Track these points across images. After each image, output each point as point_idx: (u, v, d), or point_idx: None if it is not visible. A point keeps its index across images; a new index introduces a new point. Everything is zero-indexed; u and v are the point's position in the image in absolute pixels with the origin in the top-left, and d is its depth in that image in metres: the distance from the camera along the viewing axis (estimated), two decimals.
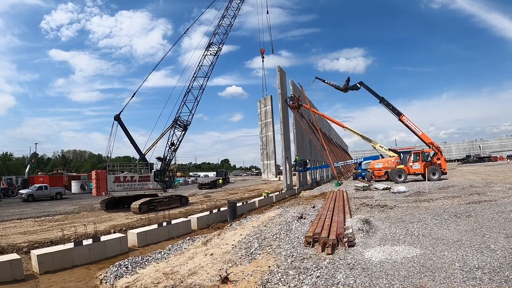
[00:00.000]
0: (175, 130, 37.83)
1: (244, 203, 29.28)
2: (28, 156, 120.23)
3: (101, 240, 15.73)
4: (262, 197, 33.71)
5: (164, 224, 19.82)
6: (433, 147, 39.92)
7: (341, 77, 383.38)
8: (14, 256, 13.29)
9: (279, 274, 8.63)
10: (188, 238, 15.94)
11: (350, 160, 63.28)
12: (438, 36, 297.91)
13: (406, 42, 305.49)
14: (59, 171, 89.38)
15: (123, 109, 38.52)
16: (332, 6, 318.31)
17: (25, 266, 13.37)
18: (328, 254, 10.11)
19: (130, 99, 40.64)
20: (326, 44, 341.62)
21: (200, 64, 39.00)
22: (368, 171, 44.03)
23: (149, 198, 31.94)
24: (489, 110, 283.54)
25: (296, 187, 44.97)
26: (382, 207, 19.09)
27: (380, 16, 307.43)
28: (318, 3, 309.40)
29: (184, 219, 22.17)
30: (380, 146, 45.32)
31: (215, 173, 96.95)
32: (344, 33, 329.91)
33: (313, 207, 20.77)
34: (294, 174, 48.89)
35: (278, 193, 38.37)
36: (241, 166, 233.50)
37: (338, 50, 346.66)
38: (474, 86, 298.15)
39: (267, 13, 56.82)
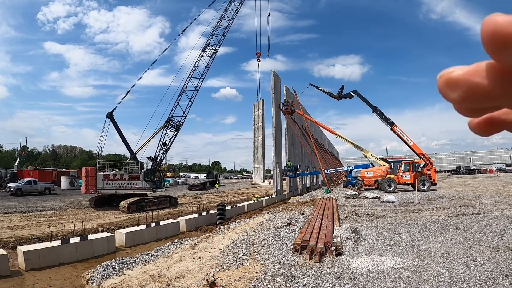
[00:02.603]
0: (168, 130, 37.73)
1: (234, 206, 29.24)
2: (18, 149, 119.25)
3: (89, 238, 15.66)
4: (252, 201, 33.63)
5: (153, 224, 19.76)
6: (424, 158, 40.12)
7: (337, 83, 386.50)
8: (0, 251, 13.21)
9: (266, 281, 8.65)
10: (176, 240, 15.90)
11: (341, 168, 63.44)
12: (433, 47, 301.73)
13: (401, 52, 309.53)
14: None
15: (116, 106, 38.42)
16: (331, 13, 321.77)
17: (11, 262, 13.28)
18: (315, 262, 10.15)
19: (124, 97, 40.53)
20: (323, 50, 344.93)
21: (195, 65, 38.99)
22: (358, 179, 44.10)
23: (138, 198, 31.81)
24: None
25: (286, 193, 44.90)
26: (371, 216, 19.17)
27: (378, 25, 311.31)
28: (317, 9, 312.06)
29: (173, 221, 22.11)
30: (371, 155, 45.50)
31: (205, 174, 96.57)
32: (341, 40, 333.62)
33: (302, 213, 20.81)
34: (285, 179, 48.89)
35: (267, 197, 38.36)
36: (231, 169, 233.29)
37: (334, 57, 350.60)
38: None
39: (269, 15, 57.14)
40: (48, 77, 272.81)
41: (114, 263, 11.53)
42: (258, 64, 57.59)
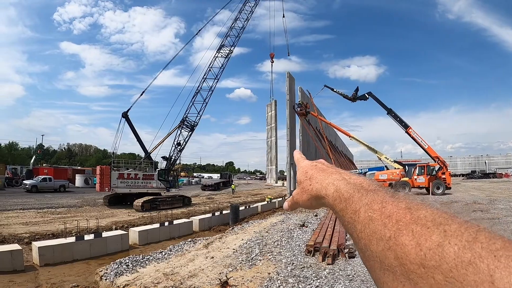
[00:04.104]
0: (182, 130, 37.87)
1: (247, 207, 29.22)
2: (34, 147, 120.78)
3: (103, 236, 15.76)
4: (265, 202, 33.62)
5: (166, 223, 19.82)
6: (439, 161, 39.66)
7: (352, 84, 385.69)
8: (15, 246, 13.38)
9: (279, 282, 8.61)
10: (189, 239, 15.95)
11: (355, 170, 63.15)
12: (449, 49, 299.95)
13: (417, 53, 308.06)
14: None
15: (131, 106, 38.63)
16: (346, 14, 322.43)
17: (26, 257, 13.41)
18: (328, 264, 10.09)
19: (139, 97, 40.76)
20: (338, 51, 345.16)
21: (210, 66, 39.10)
22: None
23: (152, 197, 31.96)
24: (497, 125, 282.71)
25: None
26: None
27: (394, 26, 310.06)
28: (332, 9, 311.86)
29: (186, 220, 22.16)
30: (386, 158, 45.11)
31: (219, 175, 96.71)
32: (357, 41, 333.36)
33: (316, 215, 20.74)
34: None
35: (281, 199, 38.25)
36: (245, 170, 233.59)
37: (350, 58, 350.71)
38: (482, 100, 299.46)
39: (283, 16, 57.18)
40: (64, 77, 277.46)
41: (127, 261, 11.60)
42: (272, 65, 57.43)
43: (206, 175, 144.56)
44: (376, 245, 0.61)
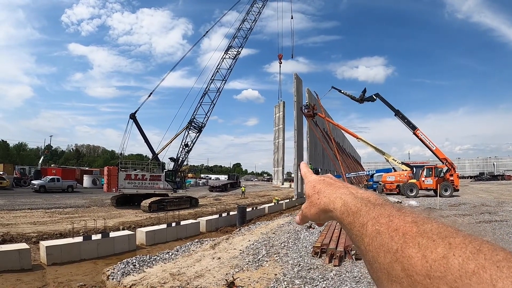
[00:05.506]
0: (190, 132, 37.87)
1: (254, 208, 29.15)
2: (42, 147, 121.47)
3: (110, 236, 15.79)
4: (272, 204, 33.54)
5: (173, 224, 19.83)
6: (447, 163, 39.48)
7: (360, 85, 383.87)
8: (23, 245, 13.47)
9: (285, 283, 8.60)
10: (196, 240, 15.97)
11: (362, 172, 62.87)
12: (457, 49, 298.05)
13: (426, 54, 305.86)
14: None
15: (139, 108, 38.67)
16: (354, 14, 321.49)
17: (33, 256, 13.48)
18: (335, 265, 10.06)
19: (147, 98, 40.75)
20: (346, 52, 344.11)
21: (218, 67, 39.08)
22: (380, 184, 43.48)
23: (159, 198, 32.03)
24: (506, 127, 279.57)
25: None
26: None
27: (403, 26, 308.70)
28: (340, 10, 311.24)
29: (193, 221, 22.15)
30: (393, 159, 44.94)
31: (226, 176, 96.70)
32: (365, 41, 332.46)
33: None
34: None
35: (288, 200, 38.15)
36: (252, 171, 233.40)
37: (358, 58, 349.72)
38: (490, 102, 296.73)
39: (292, 18, 56.92)
40: (72, 78, 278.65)
41: (134, 261, 11.63)
42: (280, 66, 57.20)
43: (213, 176, 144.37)
44: (384, 258, 0.63)
